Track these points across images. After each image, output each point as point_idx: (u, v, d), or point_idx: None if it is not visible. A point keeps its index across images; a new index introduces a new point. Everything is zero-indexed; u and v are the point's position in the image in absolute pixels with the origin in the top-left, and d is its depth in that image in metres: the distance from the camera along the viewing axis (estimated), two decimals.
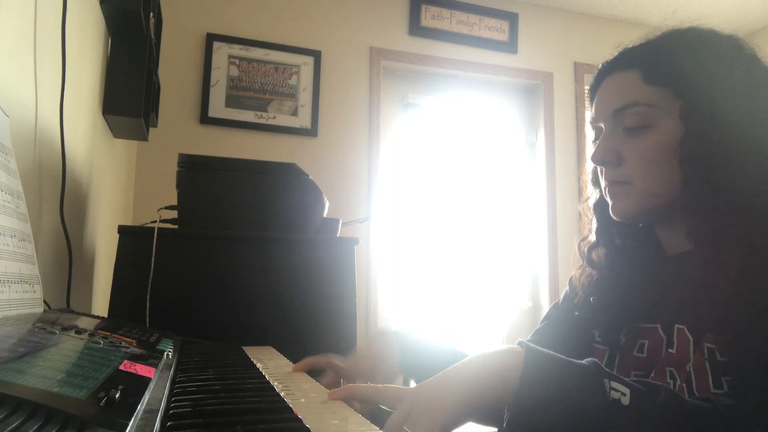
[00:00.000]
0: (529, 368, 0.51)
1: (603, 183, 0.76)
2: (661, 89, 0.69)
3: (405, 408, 0.51)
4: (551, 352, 0.54)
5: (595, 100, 0.78)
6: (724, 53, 0.70)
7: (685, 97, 0.68)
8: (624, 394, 0.51)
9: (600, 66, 0.78)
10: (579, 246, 0.85)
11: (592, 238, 0.83)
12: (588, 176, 0.85)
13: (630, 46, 0.76)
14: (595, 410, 0.50)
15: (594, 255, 0.82)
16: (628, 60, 0.74)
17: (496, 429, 0.67)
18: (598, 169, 0.78)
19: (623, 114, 0.71)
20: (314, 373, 0.74)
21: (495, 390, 0.51)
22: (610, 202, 0.75)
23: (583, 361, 0.53)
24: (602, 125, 0.75)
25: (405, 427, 0.49)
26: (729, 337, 0.60)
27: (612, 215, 0.75)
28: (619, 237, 0.80)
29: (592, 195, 0.83)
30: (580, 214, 0.88)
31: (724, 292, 0.61)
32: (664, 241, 0.76)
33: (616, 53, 0.76)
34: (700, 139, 0.66)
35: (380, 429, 0.41)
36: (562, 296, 0.89)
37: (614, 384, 0.51)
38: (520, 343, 0.55)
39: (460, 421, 0.51)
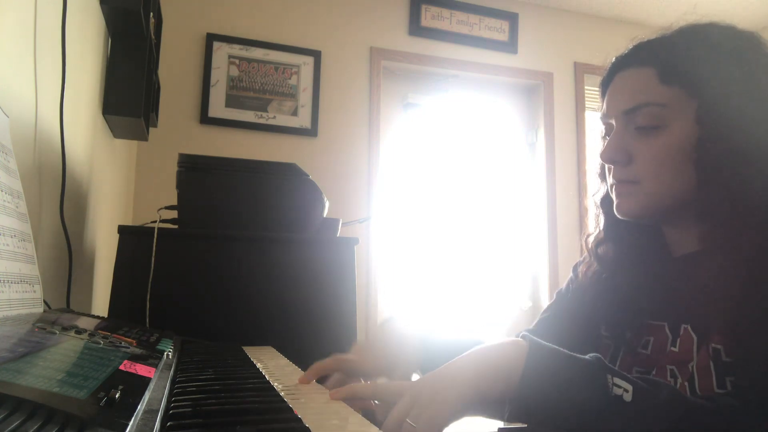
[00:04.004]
0: (532, 362, 0.51)
1: (610, 180, 0.75)
2: (675, 89, 0.68)
3: (406, 402, 0.51)
4: (554, 346, 0.54)
5: (607, 95, 0.76)
6: (743, 53, 0.68)
7: (702, 99, 0.66)
8: (626, 391, 0.51)
9: (613, 59, 0.76)
10: (586, 241, 0.84)
11: (600, 233, 0.82)
12: (596, 170, 0.83)
13: (645, 40, 0.74)
14: (597, 406, 0.50)
15: (601, 250, 0.81)
16: (643, 56, 0.72)
17: (498, 421, 0.67)
18: (605, 166, 0.77)
19: (635, 113, 0.70)
20: (322, 378, 0.70)
21: (497, 383, 0.51)
22: (615, 201, 0.74)
23: (587, 356, 0.53)
24: (613, 122, 0.74)
25: (408, 420, 0.49)
26: (735, 338, 0.60)
27: (616, 213, 0.74)
28: (627, 233, 0.79)
29: (600, 189, 0.82)
30: (586, 209, 0.87)
31: (732, 295, 0.60)
32: (671, 241, 0.75)
33: (630, 47, 0.74)
34: (716, 143, 0.64)
35: (380, 429, 0.41)
36: (565, 284, 0.88)
37: (617, 380, 0.51)
38: (523, 336, 0.54)
39: (462, 414, 0.50)
